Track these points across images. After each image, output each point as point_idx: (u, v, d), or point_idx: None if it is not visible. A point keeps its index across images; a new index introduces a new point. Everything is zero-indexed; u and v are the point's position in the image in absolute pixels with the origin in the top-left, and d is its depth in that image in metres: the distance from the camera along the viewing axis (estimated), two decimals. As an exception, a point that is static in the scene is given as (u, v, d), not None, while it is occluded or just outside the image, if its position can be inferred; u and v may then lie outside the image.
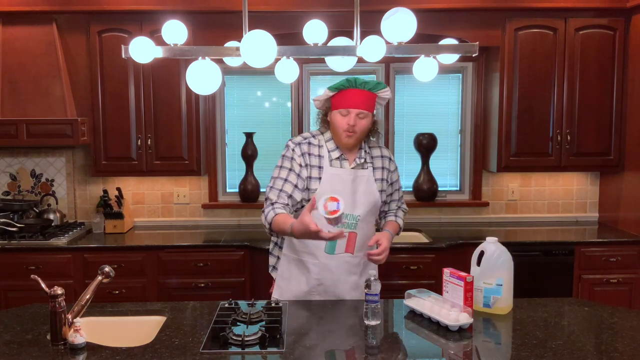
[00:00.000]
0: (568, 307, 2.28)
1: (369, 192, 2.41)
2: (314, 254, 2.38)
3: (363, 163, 2.43)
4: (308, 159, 2.38)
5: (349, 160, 2.41)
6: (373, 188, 2.42)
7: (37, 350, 1.85)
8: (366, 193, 2.40)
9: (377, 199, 2.43)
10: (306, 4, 3.69)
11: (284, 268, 2.48)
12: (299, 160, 2.37)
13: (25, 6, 3.68)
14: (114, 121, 3.79)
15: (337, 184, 2.35)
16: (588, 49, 3.81)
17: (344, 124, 2.32)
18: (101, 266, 2.01)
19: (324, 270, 2.39)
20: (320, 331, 2.04)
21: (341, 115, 2.33)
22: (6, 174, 4.13)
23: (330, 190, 2.29)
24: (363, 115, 2.33)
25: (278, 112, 4.26)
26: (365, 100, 2.32)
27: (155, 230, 4.05)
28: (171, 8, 3.65)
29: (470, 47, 2.19)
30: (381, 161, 2.48)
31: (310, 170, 2.37)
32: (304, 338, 1.97)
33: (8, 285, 3.52)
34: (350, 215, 2.36)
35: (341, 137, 2.36)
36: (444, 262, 3.39)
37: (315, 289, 2.42)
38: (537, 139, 3.87)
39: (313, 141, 2.42)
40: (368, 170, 2.43)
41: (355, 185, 2.38)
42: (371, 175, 2.43)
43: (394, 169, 2.53)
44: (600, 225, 4.16)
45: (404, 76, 4.22)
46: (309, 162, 2.38)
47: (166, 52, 2.12)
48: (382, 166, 2.48)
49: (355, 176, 2.39)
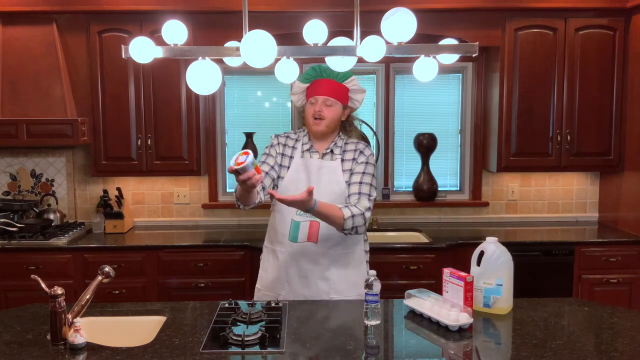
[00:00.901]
0: (568, 307, 2.28)
1: (334, 182, 2.45)
2: (282, 242, 2.48)
3: (331, 154, 2.49)
4: (282, 149, 2.55)
5: (318, 152, 2.51)
6: (339, 179, 2.45)
7: (37, 350, 1.85)
8: (331, 182, 2.44)
9: (342, 189, 2.44)
10: (306, 4, 3.69)
11: (264, 258, 2.61)
12: (276, 148, 2.55)
13: (25, 6, 3.68)
14: (114, 121, 3.79)
15: (301, 173, 2.47)
16: (588, 49, 3.81)
17: (312, 112, 2.46)
18: (101, 266, 2.01)
19: (291, 259, 2.47)
20: (320, 331, 2.04)
21: (310, 104, 2.48)
22: (6, 174, 4.13)
23: (296, 179, 2.46)
24: (330, 102, 2.44)
25: (278, 112, 4.26)
26: (331, 88, 2.45)
27: (155, 230, 4.05)
28: (171, 8, 3.65)
29: (470, 47, 2.18)
30: (353, 154, 2.51)
31: (282, 159, 2.53)
32: (304, 338, 1.97)
33: (8, 285, 3.52)
34: None
35: (310, 126, 2.48)
36: (444, 262, 3.40)
37: (284, 277, 2.49)
38: (537, 139, 3.87)
39: (292, 135, 2.59)
40: (336, 162, 2.48)
41: (319, 174, 2.45)
42: (338, 166, 2.47)
43: (362, 162, 2.46)
44: (600, 225, 4.16)
45: (404, 76, 4.22)
46: (283, 152, 2.54)
47: (166, 52, 2.11)
48: (352, 158, 2.50)
49: (321, 166, 2.47)
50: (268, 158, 2.53)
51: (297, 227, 2.43)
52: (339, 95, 2.47)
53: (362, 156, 2.50)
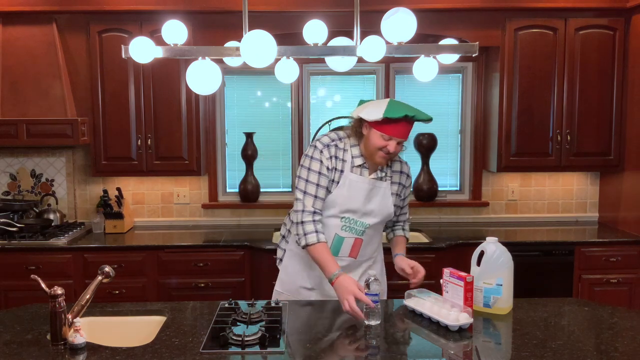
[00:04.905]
0: (568, 307, 2.28)
1: (384, 205, 2.43)
2: None
3: (383, 175, 2.43)
4: (335, 163, 2.35)
5: (369, 170, 2.39)
6: (388, 202, 2.44)
7: (37, 350, 1.85)
8: (381, 205, 2.42)
9: (390, 212, 2.46)
10: (306, 4, 3.69)
11: (288, 262, 2.54)
12: (327, 163, 2.33)
13: (25, 6, 3.68)
14: (114, 121, 3.79)
15: (353, 191, 2.36)
16: (588, 49, 3.81)
17: (384, 146, 2.28)
18: (101, 266, 2.01)
19: None
20: (320, 331, 2.04)
21: (382, 138, 2.27)
22: (6, 174, 4.13)
23: (346, 196, 2.33)
24: (403, 142, 2.34)
25: (278, 112, 4.26)
26: (410, 130, 2.34)
27: (155, 230, 4.05)
28: (171, 8, 3.65)
29: (470, 47, 2.19)
30: (399, 176, 2.49)
31: (333, 173, 2.35)
32: (304, 338, 1.97)
33: (8, 285, 3.52)
34: (361, 223, 2.39)
35: (374, 157, 2.32)
36: (444, 262, 3.39)
37: (316, 286, 2.47)
38: (537, 139, 3.87)
39: (339, 144, 2.37)
40: (386, 183, 2.44)
41: (371, 195, 2.40)
42: (388, 188, 2.44)
43: (409, 185, 2.56)
44: (600, 225, 4.16)
45: (404, 76, 4.22)
46: (335, 165, 2.35)
47: (166, 52, 2.12)
48: (399, 182, 2.49)
49: (373, 186, 2.40)
50: (321, 179, 2.32)
51: (340, 242, 2.39)
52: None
53: (408, 180, 2.55)
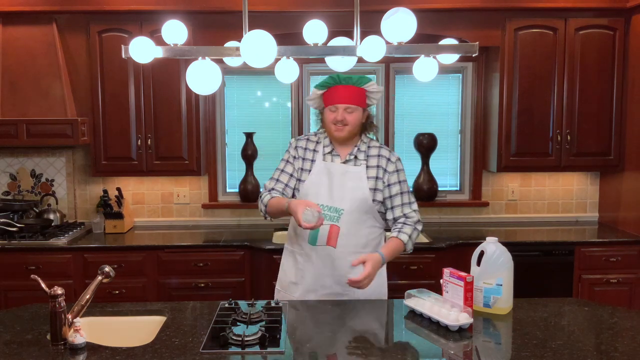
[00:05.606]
0: (568, 307, 2.28)
1: (357, 188, 2.42)
2: (300, 244, 2.48)
3: (355, 159, 2.47)
4: (303, 153, 2.53)
5: (340, 156, 2.49)
6: (363, 184, 2.43)
7: (37, 350, 1.85)
8: (354, 188, 2.42)
9: (366, 195, 2.42)
10: (306, 4, 3.69)
11: (283, 259, 2.61)
12: (294, 153, 2.54)
13: (25, 6, 3.68)
14: (114, 121, 3.79)
15: (324, 177, 2.45)
16: (588, 49, 3.81)
17: (332, 119, 2.43)
18: (101, 266, 2.01)
19: (307, 261, 2.45)
20: (320, 331, 2.04)
21: (330, 111, 2.45)
22: (6, 174, 4.13)
23: (317, 183, 2.44)
24: (351, 109, 2.42)
25: (278, 112, 4.26)
26: (351, 94, 2.42)
27: (155, 230, 4.05)
28: (171, 8, 3.65)
29: (470, 47, 2.19)
30: (377, 160, 2.47)
31: (303, 162, 2.52)
32: (304, 338, 1.97)
33: (8, 285, 3.52)
34: (334, 208, 2.40)
35: (332, 132, 2.46)
36: (444, 262, 3.39)
37: (299, 280, 2.47)
38: (537, 139, 3.87)
39: (312, 138, 2.57)
40: (360, 167, 2.46)
41: (343, 179, 2.44)
42: (363, 172, 2.45)
43: (394, 171, 2.47)
44: (600, 225, 4.16)
45: (404, 76, 4.22)
46: (304, 155, 2.52)
47: (166, 52, 2.12)
48: (377, 164, 2.47)
49: (345, 171, 2.45)
50: (287, 166, 2.53)
51: (316, 230, 2.37)
52: (359, 100, 2.43)
53: (390, 164, 2.48)
